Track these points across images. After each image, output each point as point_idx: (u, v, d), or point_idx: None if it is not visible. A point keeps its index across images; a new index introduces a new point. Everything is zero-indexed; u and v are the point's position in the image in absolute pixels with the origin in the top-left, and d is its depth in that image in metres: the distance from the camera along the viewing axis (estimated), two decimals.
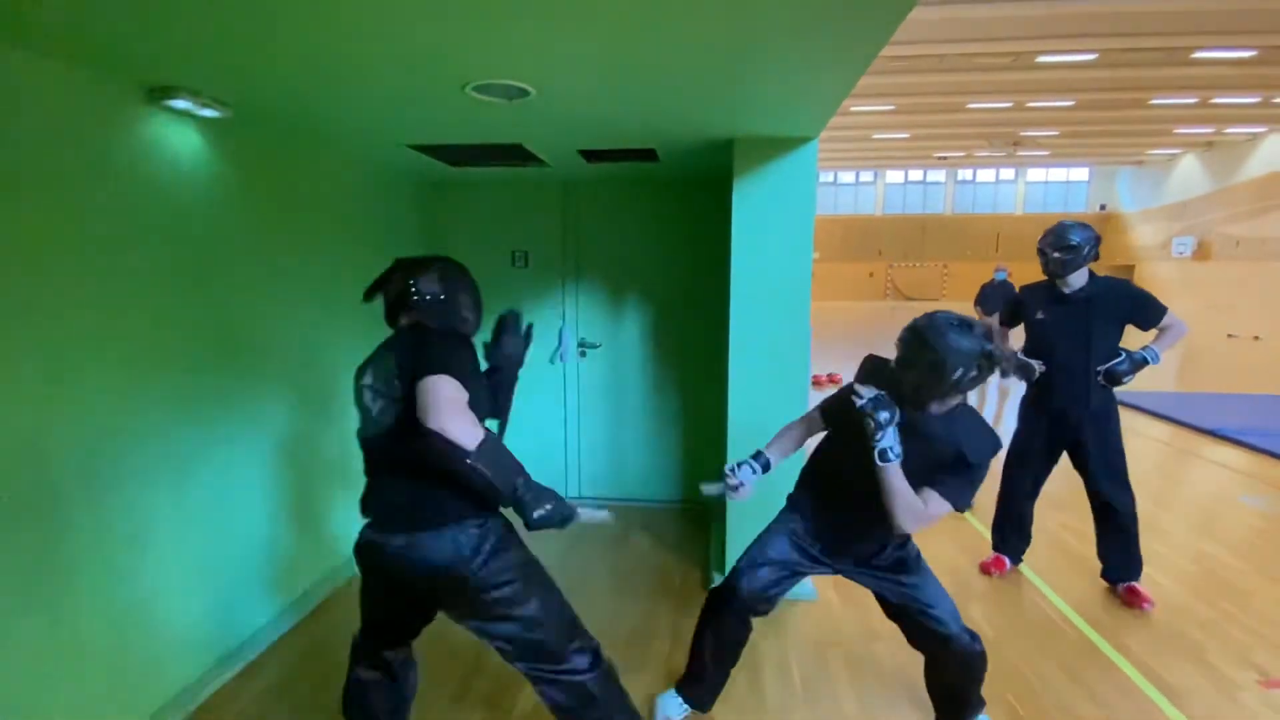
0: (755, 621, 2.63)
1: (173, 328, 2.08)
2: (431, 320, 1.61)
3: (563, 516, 1.46)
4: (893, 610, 1.95)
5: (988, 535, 3.53)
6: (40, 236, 1.66)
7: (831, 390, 2.03)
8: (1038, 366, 2.80)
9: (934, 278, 28.00)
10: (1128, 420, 2.31)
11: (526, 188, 3.80)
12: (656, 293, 3.86)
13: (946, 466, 1.69)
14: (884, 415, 1.61)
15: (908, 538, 1.91)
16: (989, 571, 3.08)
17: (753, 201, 2.69)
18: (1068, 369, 2.75)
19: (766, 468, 1.95)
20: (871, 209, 28.75)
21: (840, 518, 1.88)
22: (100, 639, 1.84)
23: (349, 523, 1.67)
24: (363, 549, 1.58)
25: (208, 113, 2.04)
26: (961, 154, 22.52)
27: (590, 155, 2.97)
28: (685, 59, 1.69)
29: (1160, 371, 9.64)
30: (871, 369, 1.82)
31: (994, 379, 7.93)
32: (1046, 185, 27.75)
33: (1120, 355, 2.74)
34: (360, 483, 1.63)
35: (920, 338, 1.62)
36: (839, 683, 2.28)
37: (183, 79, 1.86)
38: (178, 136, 2.08)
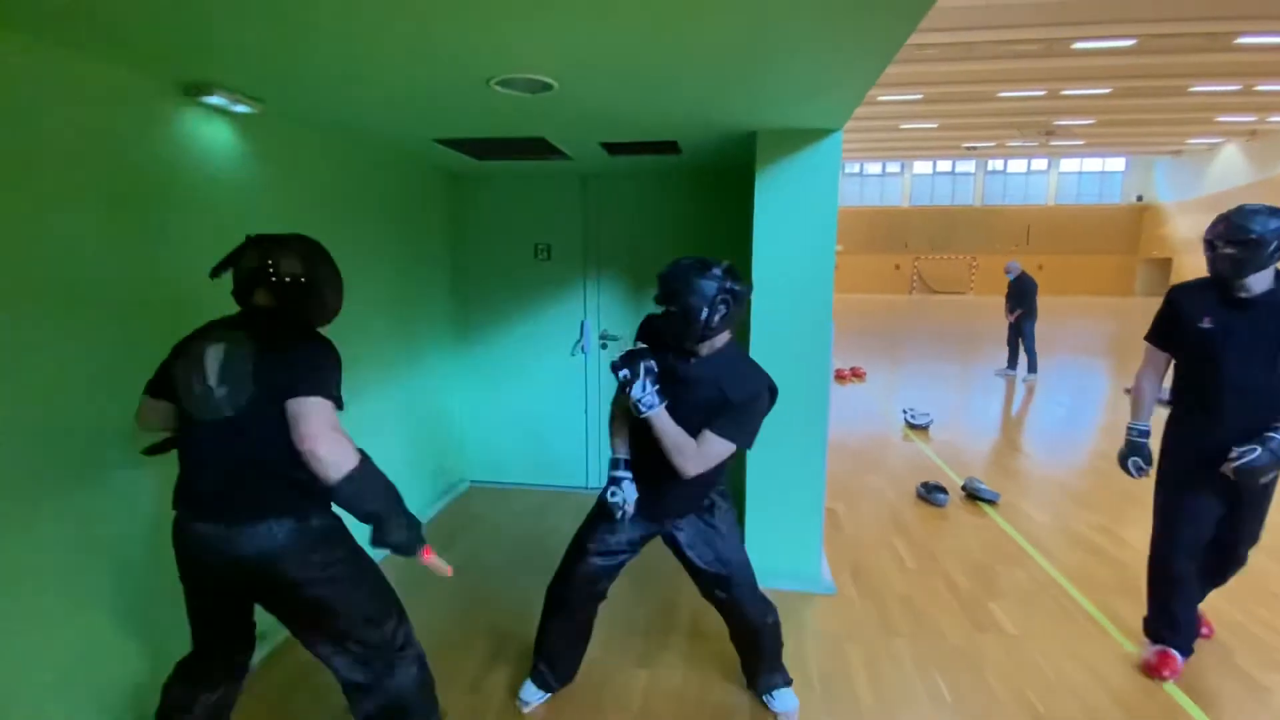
0: None
1: (207, 307, 2.14)
2: (289, 305, 1.52)
3: (409, 548, 1.51)
4: (691, 569, 2.01)
5: (1012, 532, 3.50)
6: (81, 228, 1.72)
7: (855, 384, 2.02)
8: (1134, 470, 2.38)
9: (961, 270, 27.51)
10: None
11: (549, 181, 3.82)
12: None
13: (716, 407, 1.75)
14: (624, 372, 1.73)
15: (721, 499, 2.01)
16: (1157, 674, 2.25)
17: (775, 194, 2.68)
18: (1242, 391, 2.10)
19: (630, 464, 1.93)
20: (898, 200, 28.30)
21: (650, 474, 1.87)
22: (107, 635, 1.92)
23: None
24: (178, 538, 1.49)
25: (241, 108, 2.09)
26: (992, 144, 22.01)
27: (612, 148, 2.98)
28: (707, 52, 1.69)
29: None
30: (646, 328, 1.92)
31: (1022, 375, 7.75)
32: (1080, 175, 27.03)
33: None
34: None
35: (667, 285, 1.70)
36: (856, 678, 2.28)
37: (218, 76, 1.91)
38: (212, 131, 2.14)
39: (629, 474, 1.89)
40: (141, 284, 1.90)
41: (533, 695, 2.11)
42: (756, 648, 2.09)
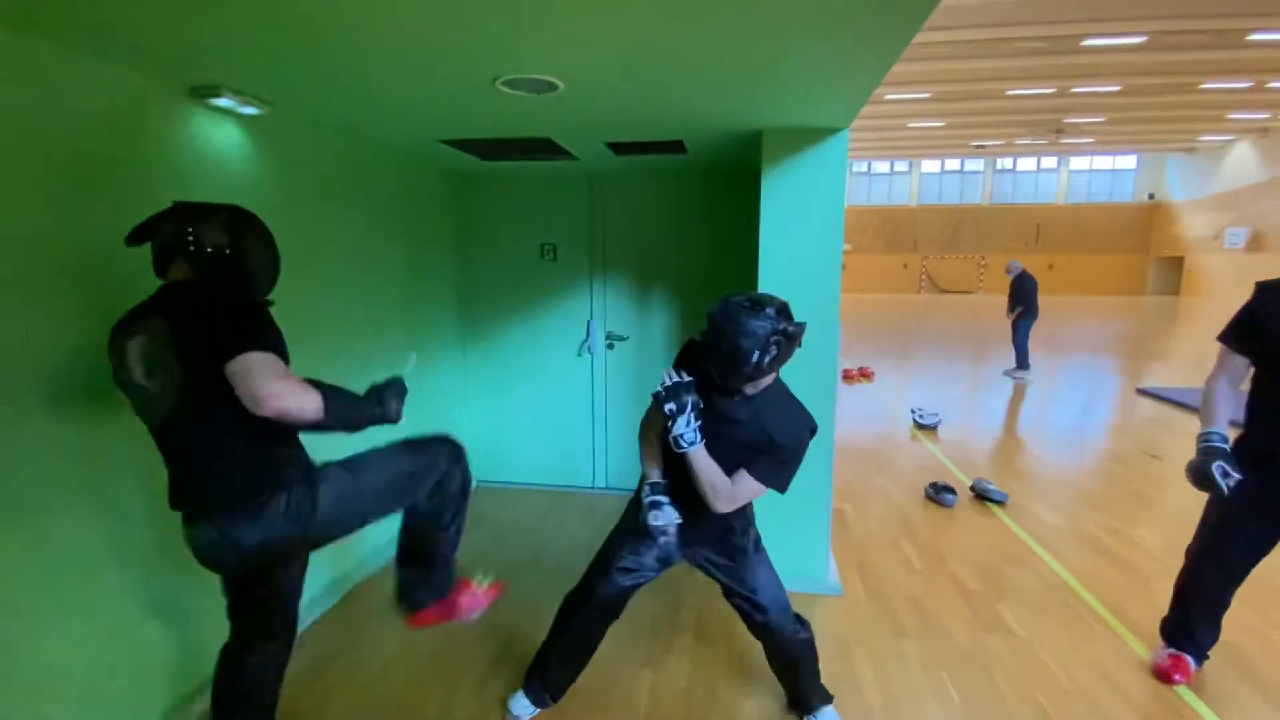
0: None
1: None
2: (210, 278, 1.39)
3: (399, 398, 1.60)
4: (724, 591, 1.99)
5: (1021, 534, 3.47)
6: (93, 229, 1.74)
7: (863, 384, 2.01)
8: (1221, 480, 1.94)
9: (970, 270, 27.37)
10: (1175, 419, 2.24)
11: (555, 181, 3.83)
12: (684, 285, 3.85)
13: (757, 448, 1.71)
14: (670, 406, 1.65)
15: (748, 525, 1.96)
16: (1168, 678, 2.22)
17: (781, 193, 2.67)
18: None
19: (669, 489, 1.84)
20: (906, 199, 28.18)
21: (683, 500, 1.81)
22: (135, 620, 1.94)
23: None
24: (186, 539, 1.45)
25: (249, 110, 2.10)
26: (1001, 142, 21.89)
27: (618, 148, 2.98)
28: (713, 51, 1.68)
29: (1208, 367, 9.29)
30: (688, 354, 1.80)
31: (1008, 369, 7.68)
32: (1091, 174, 26.83)
33: None
34: None
35: (716, 325, 1.61)
36: (864, 679, 2.27)
37: (225, 78, 1.92)
38: (220, 133, 2.15)
39: (667, 497, 1.81)
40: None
41: (523, 710, 2.05)
42: (795, 669, 2.04)
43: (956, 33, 10.19)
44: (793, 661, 2.03)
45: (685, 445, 1.66)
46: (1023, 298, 8.07)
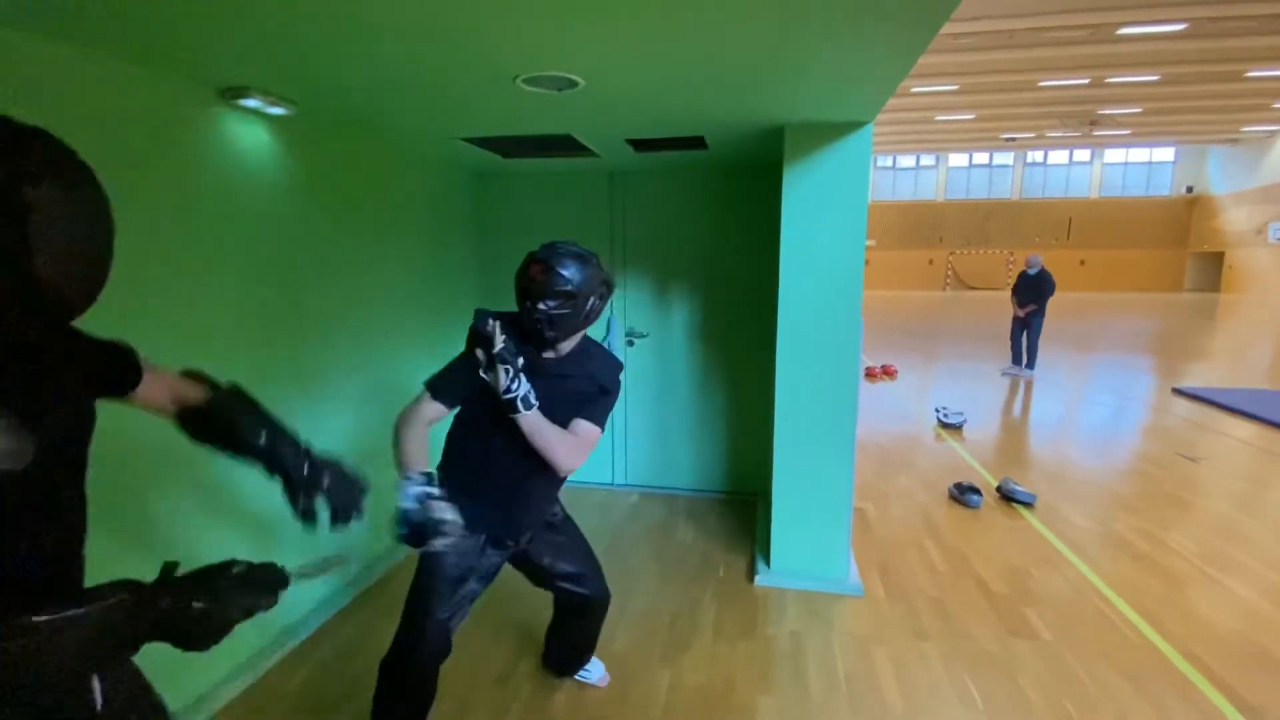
0: (799, 613, 2.63)
1: (247, 309, 2.21)
2: None
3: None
4: (544, 576, 1.93)
5: (1049, 536, 3.40)
6: (127, 225, 1.78)
7: (886, 382, 1.96)
8: None
9: (998, 266, 26.79)
10: (1214, 420, 2.17)
11: (575, 178, 3.83)
12: (705, 282, 3.84)
13: (587, 398, 1.67)
14: (508, 365, 1.51)
15: (558, 508, 1.93)
16: None
17: (804, 189, 2.64)
18: None
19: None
20: (932, 194, 27.69)
21: (499, 492, 1.68)
22: None
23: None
24: None
25: (276, 110, 2.14)
26: (1032, 135, 21.35)
27: (639, 144, 2.97)
28: (735, 46, 1.67)
29: (1249, 367, 8.97)
30: (479, 314, 1.61)
31: (1017, 370, 7.50)
32: (1126, 166, 26.08)
33: None
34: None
35: (554, 275, 1.53)
36: (884, 680, 2.24)
37: (253, 79, 1.95)
38: (248, 133, 2.19)
39: (437, 490, 1.45)
40: (191, 283, 1.97)
41: None
42: (595, 629, 2.12)
43: (987, 23, 9.96)
44: (595, 624, 2.10)
45: (535, 400, 1.54)
46: (1043, 294, 7.88)
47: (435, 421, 1.61)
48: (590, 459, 4.37)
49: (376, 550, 3.02)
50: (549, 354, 1.66)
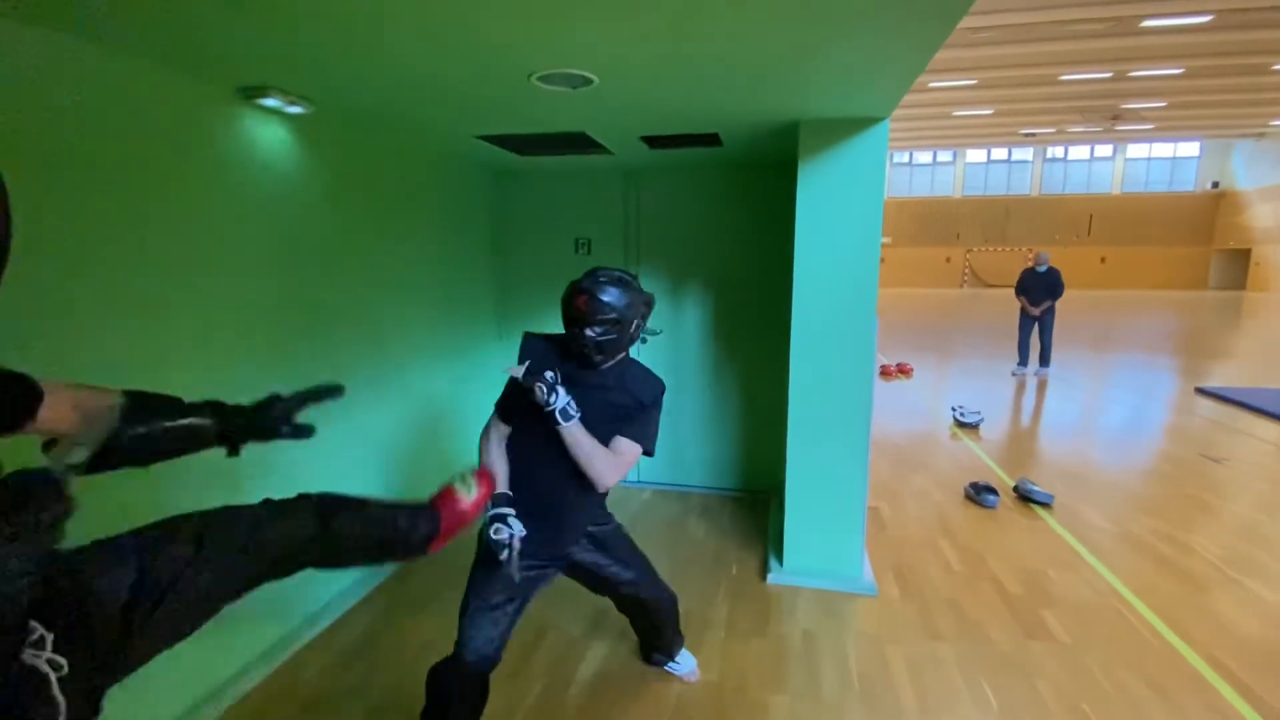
0: (811, 612, 2.62)
1: (264, 304, 2.24)
2: None
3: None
4: (596, 583, 1.96)
5: (1067, 537, 3.36)
6: (152, 223, 1.82)
7: (901, 381, 1.96)
8: None
9: (1016, 263, 26.38)
10: (1239, 421, 2.13)
11: (590, 175, 3.84)
12: (719, 279, 3.83)
13: (627, 414, 1.73)
14: (549, 376, 1.61)
15: (608, 518, 1.96)
16: None
17: (818, 185, 2.62)
18: None
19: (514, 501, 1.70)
20: (949, 190, 27.38)
21: (544, 506, 1.73)
22: None
23: (423, 489, 1.72)
24: None
25: (294, 109, 2.16)
26: (1052, 130, 21.02)
27: (653, 141, 2.97)
28: (749, 42, 1.66)
29: (1275, 366, 8.78)
30: (531, 343, 1.81)
31: (1035, 370, 7.41)
32: (1149, 162, 25.61)
33: None
34: (420, 454, 1.63)
35: (596, 302, 1.63)
36: (899, 681, 2.22)
37: (272, 79, 1.98)
38: (267, 131, 2.22)
39: (513, 510, 1.67)
40: (207, 278, 2.00)
41: None
42: (667, 624, 2.16)
43: (1006, 16, 9.82)
44: (667, 619, 2.14)
45: (575, 412, 1.61)
46: (1058, 291, 7.75)
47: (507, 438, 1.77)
48: None
49: None
50: (594, 370, 1.74)
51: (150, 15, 1.47)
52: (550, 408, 1.59)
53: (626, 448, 1.71)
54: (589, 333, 1.65)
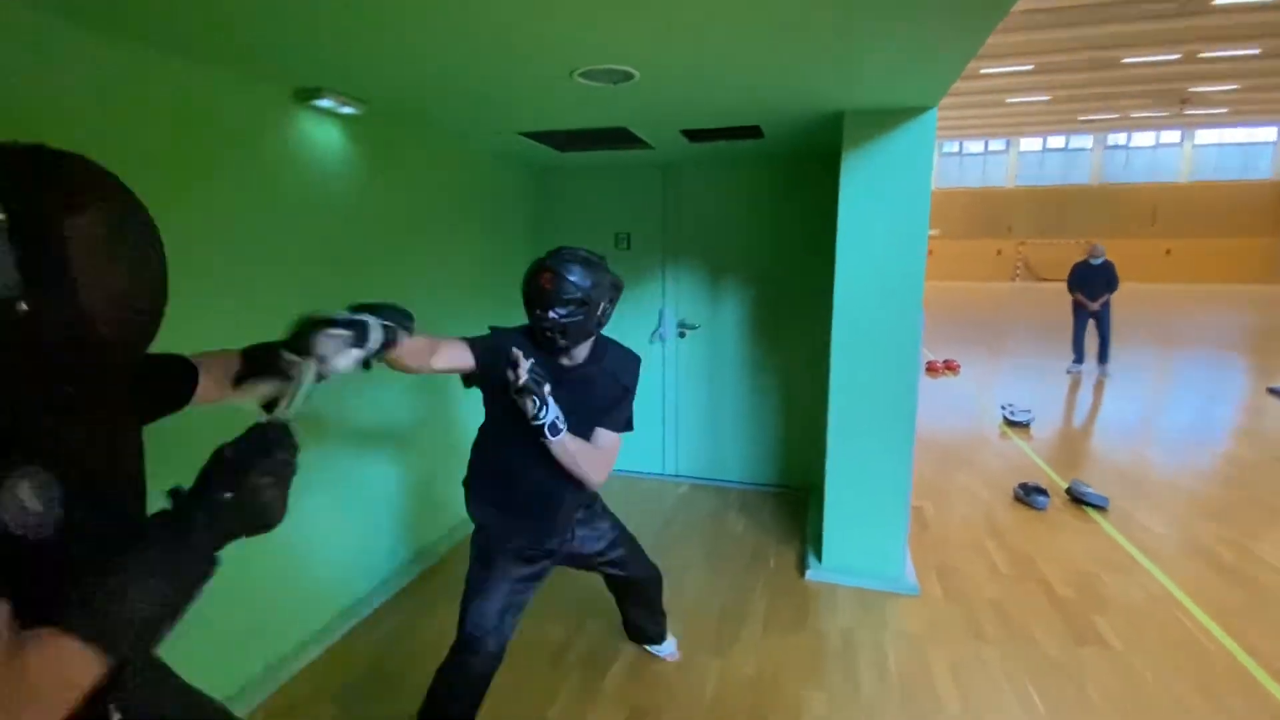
0: (850, 609, 2.60)
1: (315, 298, 2.31)
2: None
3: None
4: (588, 563, 1.95)
5: (1122, 541, 3.23)
6: (214, 218, 1.92)
7: (948, 378, 1.89)
8: None
9: (1073, 256, 25.26)
10: None
11: (629, 170, 3.85)
12: (758, 273, 3.80)
13: (609, 404, 1.67)
14: (547, 388, 1.49)
15: (594, 497, 1.92)
16: None
17: (863, 176, 2.58)
18: None
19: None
20: (1002, 180, 26.40)
21: (531, 501, 1.68)
22: (257, 577, 2.13)
23: (461, 489, 1.78)
24: None
25: (347, 110, 2.24)
26: (1115, 115, 20.00)
27: (693, 135, 2.96)
28: (792, 32, 1.64)
29: None
30: (503, 340, 1.60)
31: (1094, 368, 7.04)
32: (1220, 148, 24.14)
33: None
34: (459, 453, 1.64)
35: (561, 279, 1.52)
36: (940, 682, 2.19)
37: (327, 81, 2.05)
38: (321, 131, 2.31)
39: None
40: (262, 274, 2.09)
41: None
42: (652, 604, 2.22)
43: None
44: (652, 598, 2.20)
45: (564, 426, 1.53)
46: (1114, 284, 7.38)
47: (443, 369, 1.52)
48: (640, 448, 4.40)
49: (439, 532, 3.14)
50: (566, 360, 1.66)
51: (210, 20, 1.55)
52: (540, 422, 1.49)
53: (608, 440, 1.66)
54: (553, 314, 1.52)
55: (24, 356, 0.63)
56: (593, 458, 1.62)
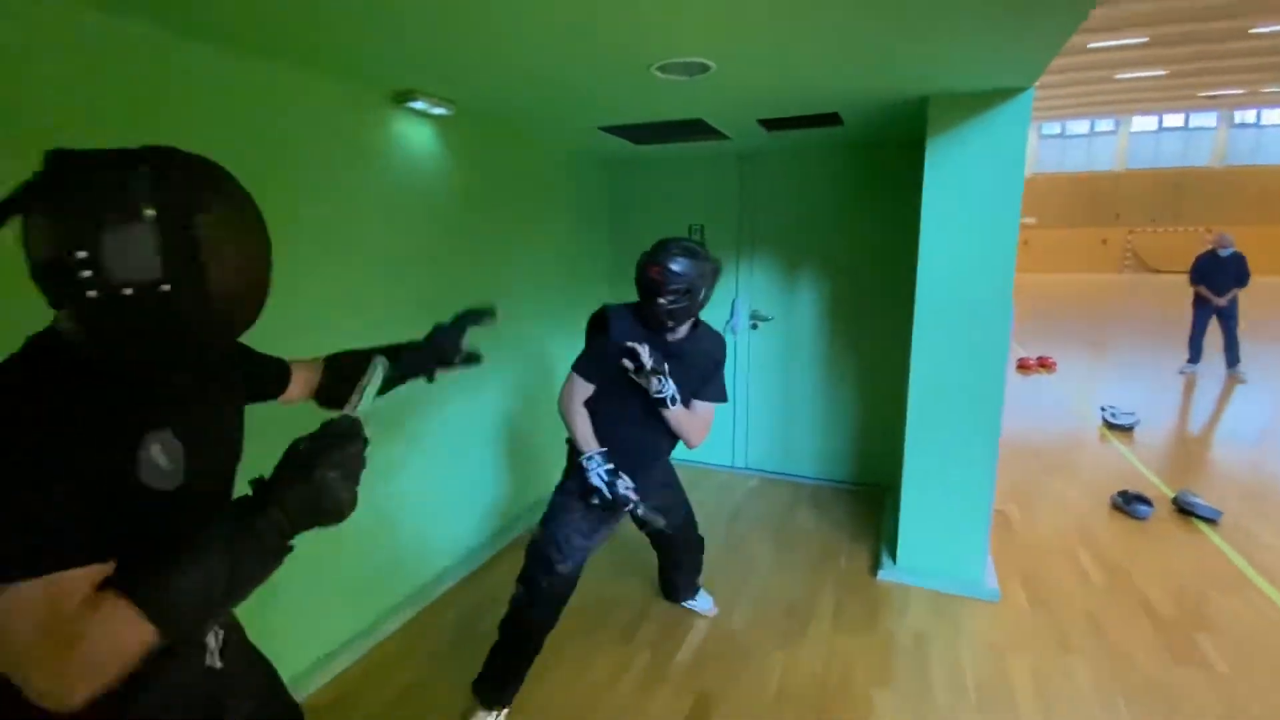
0: (924, 612, 2.53)
1: (409, 293, 2.48)
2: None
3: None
4: (646, 519, 2.06)
5: (1235, 558, 2.97)
6: (320, 216, 2.08)
7: (1042, 376, 1.88)
8: None
9: (1190, 245, 22.97)
10: None
11: (703, 161, 3.85)
12: (835, 263, 3.71)
13: (706, 374, 1.95)
14: (666, 368, 1.80)
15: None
16: None
17: (949, 164, 2.47)
18: None
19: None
20: (1109, 164, 24.32)
21: (633, 454, 1.93)
22: (357, 541, 2.31)
23: (549, 464, 1.91)
24: None
25: (438, 111, 2.37)
26: (1242, 90, 18.00)
27: (770, 124, 2.93)
28: (872, 15, 1.60)
29: None
30: (619, 320, 1.88)
31: (1207, 370, 6.35)
32: None
33: None
34: (547, 436, 1.81)
35: (667, 271, 1.75)
36: (1021, 695, 2.10)
37: (420, 83, 2.18)
38: (415, 132, 2.45)
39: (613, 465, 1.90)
40: (356, 269, 2.25)
41: None
42: (696, 559, 2.45)
43: None
44: (696, 554, 2.44)
45: (676, 402, 1.83)
46: (1244, 278, 6.65)
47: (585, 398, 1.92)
48: (710, 441, 4.42)
49: (525, 502, 3.28)
50: (670, 336, 1.90)
51: (315, 30, 1.68)
52: (661, 395, 1.80)
53: (705, 410, 1.98)
54: (662, 300, 1.78)
55: (164, 332, 0.73)
56: (695, 423, 1.94)
